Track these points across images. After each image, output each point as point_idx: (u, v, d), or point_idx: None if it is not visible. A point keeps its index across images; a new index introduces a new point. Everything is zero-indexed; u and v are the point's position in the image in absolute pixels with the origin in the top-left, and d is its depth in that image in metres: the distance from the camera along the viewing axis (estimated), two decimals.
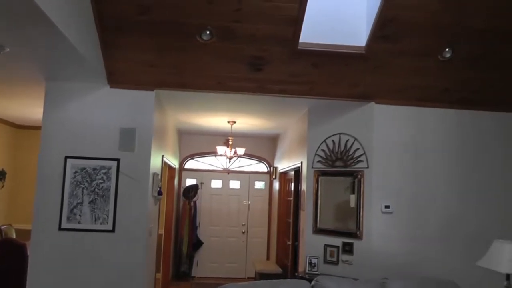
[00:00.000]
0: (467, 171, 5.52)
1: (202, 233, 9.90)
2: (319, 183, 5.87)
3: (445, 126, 5.53)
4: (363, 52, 4.76)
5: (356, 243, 5.46)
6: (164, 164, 6.78)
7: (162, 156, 6.49)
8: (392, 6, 4.31)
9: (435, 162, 5.47)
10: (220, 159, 9.99)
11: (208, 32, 4.47)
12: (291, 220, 7.63)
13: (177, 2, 4.19)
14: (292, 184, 7.60)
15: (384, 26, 4.48)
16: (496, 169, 5.57)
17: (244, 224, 10.11)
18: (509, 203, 5.52)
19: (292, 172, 7.48)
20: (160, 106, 6.00)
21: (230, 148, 8.27)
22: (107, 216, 5.10)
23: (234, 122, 7.66)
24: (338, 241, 5.63)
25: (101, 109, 5.21)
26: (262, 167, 10.30)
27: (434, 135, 5.50)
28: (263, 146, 10.10)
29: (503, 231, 5.24)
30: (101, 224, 5.09)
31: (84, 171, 5.11)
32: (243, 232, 10.07)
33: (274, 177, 9.62)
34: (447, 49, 4.80)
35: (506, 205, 5.51)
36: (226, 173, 9.95)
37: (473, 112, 5.56)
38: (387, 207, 5.34)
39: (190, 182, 10.04)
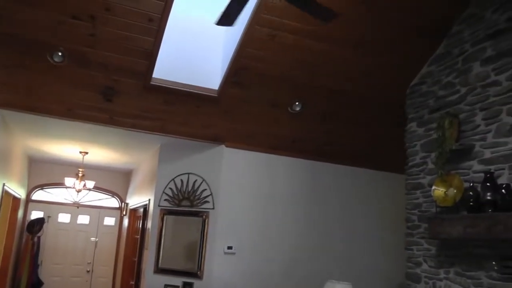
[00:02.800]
0: (311, 217, 5.84)
1: (44, 272, 9.06)
2: (165, 221, 5.78)
3: (293, 174, 5.82)
4: (216, 95, 4.88)
5: (196, 283, 5.42)
6: (4, 193, 6.21)
7: (3, 184, 5.97)
8: (247, 55, 4.51)
9: (281, 207, 5.71)
10: (72, 192, 9.43)
11: (60, 54, 4.28)
12: (136, 259, 7.38)
13: (29, 16, 3.95)
14: (140, 221, 7.40)
15: (237, 73, 4.66)
16: (336, 216, 5.97)
17: (90, 263, 9.54)
18: (346, 247, 5.93)
19: (142, 209, 7.30)
20: (4, 127, 5.56)
21: (80, 180, 7.87)
22: None
23: (86, 153, 7.34)
24: (178, 281, 5.54)
25: None
26: (114, 202, 9.90)
27: (282, 182, 5.76)
28: (116, 180, 9.73)
29: (340, 272, 5.59)
30: None
31: None
32: (88, 271, 9.50)
33: (124, 213, 9.30)
34: (296, 103, 5.11)
35: (344, 248, 5.93)
36: (76, 207, 9.38)
37: (319, 163, 5.94)
38: (229, 247, 5.41)
39: (36, 215, 9.22)
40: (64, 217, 9.51)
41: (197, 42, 5.07)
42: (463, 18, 4.60)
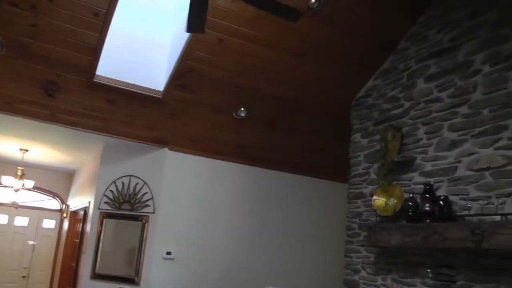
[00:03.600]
0: (252, 223, 5.80)
1: None
2: (104, 225, 5.60)
3: (236, 180, 5.76)
4: (160, 97, 4.79)
5: None
6: None
7: None
8: (193, 58, 4.45)
9: (223, 212, 5.64)
10: (10, 191, 9.02)
11: None
12: (74, 264, 7.13)
13: None
14: (81, 224, 7.16)
15: (182, 75, 4.59)
16: (278, 223, 5.95)
17: (26, 267, 9.13)
18: (286, 253, 5.93)
19: (82, 212, 7.07)
20: None
21: (19, 179, 7.55)
22: None
23: (27, 150, 7.04)
24: (115, 287, 5.36)
25: None
26: (54, 204, 9.55)
27: (225, 187, 5.69)
28: (58, 181, 9.34)
29: (280, 278, 5.57)
30: None
31: None
32: (24, 277, 9.08)
33: (65, 215, 8.98)
34: (242, 108, 5.08)
35: (284, 255, 5.91)
36: (14, 208, 9.00)
37: (262, 170, 5.91)
38: (168, 253, 5.29)
39: None
40: (1, 218, 9.08)
41: (144, 42, 4.96)
42: (409, 36, 4.73)
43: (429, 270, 4.00)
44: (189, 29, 3.15)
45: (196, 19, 3.07)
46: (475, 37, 4.00)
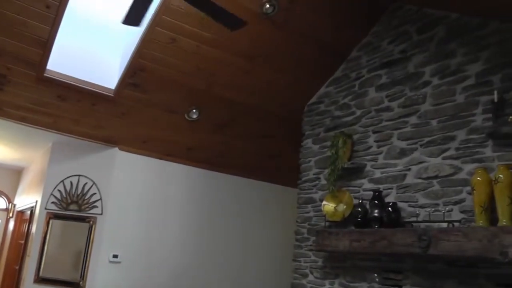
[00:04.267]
0: (202, 227, 5.74)
1: None
2: (50, 226, 5.42)
3: (187, 183, 5.70)
4: (112, 95, 4.70)
5: None
6: None
7: None
8: (146, 56, 4.40)
9: (173, 215, 5.57)
10: None
11: None
12: (18, 267, 6.87)
13: None
14: (27, 225, 6.92)
15: (134, 74, 4.51)
16: (228, 227, 5.92)
17: None
18: (236, 257, 5.89)
19: (29, 212, 6.83)
20: None
21: None
22: None
23: None
24: None
25: None
26: (1, 203, 9.19)
27: (175, 190, 5.62)
28: (5, 178, 8.97)
29: (229, 282, 5.54)
30: None
31: None
32: None
33: (11, 215, 8.66)
34: (194, 110, 5.05)
35: (234, 259, 5.88)
36: None
37: (214, 173, 5.87)
38: (115, 256, 5.18)
39: None
40: None
41: (96, 37, 4.83)
42: (361, 45, 4.83)
43: (376, 275, 4.07)
44: (125, 21, 3.13)
45: (136, 12, 3.05)
46: (425, 50, 4.12)
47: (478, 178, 3.28)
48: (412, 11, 4.34)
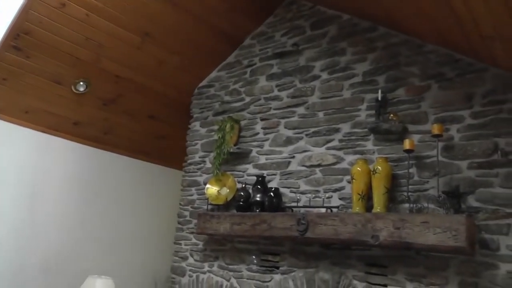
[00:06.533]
0: (82, 207, 5.34)
1: None
2: None
3: (71, 160, 5.23)
4: None
5: None
6: None
7: None
8: (32, 19, 4.03)
9: (52, 195, 5.05)
10: None
11: None
12: None
13: None
14: None
15: (18, 36, 4.14)
16: (108, 208, 5.62)
17: None
18: (114, 240, 5.61)
19: None
20: None
21: None
22: None
23: None
24: None
25: None
26: None
27: (57, 167, 5.15)
28: None
29: (105, 267, 5.28)
30: None
31: None
32: None
33: None
34: (81, 83, 4.76)
35: (112, 242, 5.59)
36: None
37: (100, 151, 5.53)
38: None
39: None
40: None
41: None
42: (256, 34, 4.94)
43: (254, 257, 4.22)
44: None
45: None
46: (316, 45, 4.35)
47: (358, 168, 3.57)
48: (306, 7, 4.54)
